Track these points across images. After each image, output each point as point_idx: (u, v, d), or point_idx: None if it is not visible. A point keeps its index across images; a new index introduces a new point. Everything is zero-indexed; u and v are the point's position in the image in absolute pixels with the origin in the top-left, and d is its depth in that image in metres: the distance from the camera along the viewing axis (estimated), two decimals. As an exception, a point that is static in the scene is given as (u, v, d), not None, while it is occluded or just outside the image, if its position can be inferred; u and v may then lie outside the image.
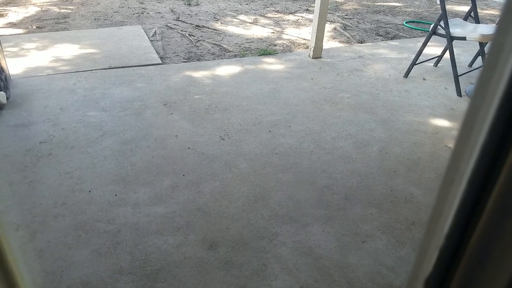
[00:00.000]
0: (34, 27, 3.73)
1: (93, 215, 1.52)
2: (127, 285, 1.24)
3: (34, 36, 3.48)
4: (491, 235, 0.33)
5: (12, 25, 3.79)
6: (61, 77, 2.68)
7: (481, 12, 4.60)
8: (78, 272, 1.28)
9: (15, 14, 4.13)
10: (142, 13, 4.28)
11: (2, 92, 2.22)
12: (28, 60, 2.94)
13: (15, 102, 2.33)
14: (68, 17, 4.05)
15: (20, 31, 3.63)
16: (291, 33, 3.78)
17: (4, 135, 2.03)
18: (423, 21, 4.26)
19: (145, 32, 3.64)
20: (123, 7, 4.50)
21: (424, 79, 2.83)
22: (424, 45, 2.75)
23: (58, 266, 1.30)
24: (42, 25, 3.78)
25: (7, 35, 3.49)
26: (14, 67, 2.77)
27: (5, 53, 2.53)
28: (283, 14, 4.45)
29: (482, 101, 0.31)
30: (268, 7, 4.70)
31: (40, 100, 2.38)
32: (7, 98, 2.30)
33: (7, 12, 4.15)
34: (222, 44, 3.40)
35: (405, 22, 4.17)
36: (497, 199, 0.32)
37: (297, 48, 3.40)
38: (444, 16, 2.55)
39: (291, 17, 4.32)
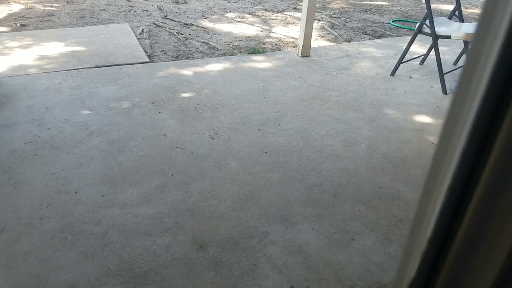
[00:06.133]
0: (18, 25, 3.64)
1: (79, 216, 1.49)
2: (115, 287, 1.22)
3: (18, 34, 3.40)
4: (473, 238, 0.33)
5: (-6, 22, 3.68)
6: (46, 76, 2.63)
7: (465, 11, 4.69)
8: (64, 275, 1.26)
9: (-3, 11, 4.01)
10: (129, 11, 4.22)
11: (-17, 92, 2.16)
12: (11, 58, 2.87)
13: (-2, 102, 2.27)
14: (53, 15, 3.96)
15: (4, 29, 3.53)
16: (280, 32, 3.78)
17: (-13, 136, 1.97)
18: (409, 20, 4.32)
19: (132, 30, 3.58)
20: (110, 4, 4.43)
21: (410, 77, 2.87)
22: (410, 43, 2.79)
23: (44, 269, 1.27)
24: (26, 23, 3.68)
25: (-11, 33, 3.39)
26: (-3, 66, 2.69)
27: (-14, 51, 2.46)
28: (272, 12, 4.45)
29: (460, 109, 0.31)
30: (256, 5, 4.70)
31: (24, 99, 2.32)
32: (-11, 98, 2.24)
33: (-12, 9, 4.03)
34: (210, 43, 3.38)
35: (392, 21, 4.22)
36: (478, 203, 0.32)
37: (285, 46, 3.40)
38: (429, 15, 2.59)
39: (280, 16, 4.32)
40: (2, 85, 2.47)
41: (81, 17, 3.94)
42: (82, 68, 2.76)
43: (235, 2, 4.80)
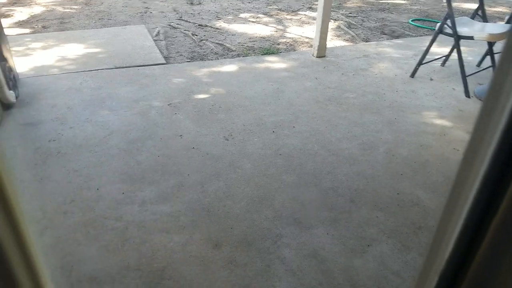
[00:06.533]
0: (40, 26, 3.76)
1: (101, 212, 1.54)
2: (134, 281, 1.26)
3: (40, 35, 3.51)
4: (491, 263, 0.33)
5: (18, 25, 3.82)
6: (68, 77, 2.71)
7: (489, 10, 4.54)
8: (87, 267, 1.30)
9: (21, 14, 4.16)
10: (145, 13, 4.29)
11: (11, 91, 2.25)
12: (34, 59, 2.97)
13: (24, 101, 2.36)
14: (73, 17, 4.08)
15: (26, 30, 3.66)
16: (294, 32, 3.77)
17: (14, 133, 2.06)
18: (429, 19, 4.22)
19: (149, 31, 3.65)
20: (127, 6, 4.52)
21: (431, 79, 2.81)
22: (431, 44, 2.72)
23: (68, 261, 1.32)
24: (47, 25, 3.81)
25: (14, 35, 3.52)
26: (21, 67, 2.80)
27: (12, 52, 2.56)
28: (286, 12, 4.43)
29: (490, 117, 0.31)
30: (270, 5, 4.69)
31: (47, 99, 2.40)
32: (16, 97, 2.33)
33: (13, 12, 4.18)
34: (225, 44, 3.40)
35: (411, 20, 4.14)
36: (497, 227, 0.32)
37: (300, 47, 3.39)
38: (450, 14, 2.52)
39: (294, 16, 4.31)
40: (27, 85, 2.57)
41: (99, 18, 4.04)
42: (101, 69, 2.83)
43: (249, 2, 4.81)
